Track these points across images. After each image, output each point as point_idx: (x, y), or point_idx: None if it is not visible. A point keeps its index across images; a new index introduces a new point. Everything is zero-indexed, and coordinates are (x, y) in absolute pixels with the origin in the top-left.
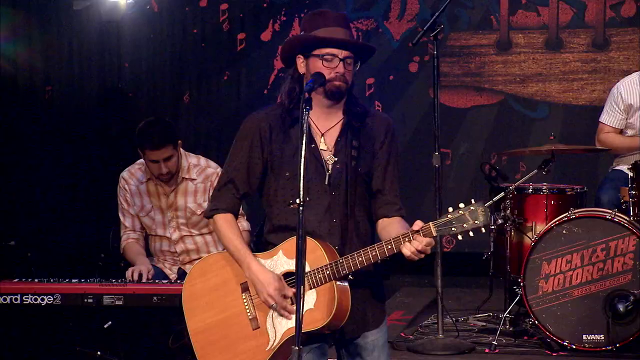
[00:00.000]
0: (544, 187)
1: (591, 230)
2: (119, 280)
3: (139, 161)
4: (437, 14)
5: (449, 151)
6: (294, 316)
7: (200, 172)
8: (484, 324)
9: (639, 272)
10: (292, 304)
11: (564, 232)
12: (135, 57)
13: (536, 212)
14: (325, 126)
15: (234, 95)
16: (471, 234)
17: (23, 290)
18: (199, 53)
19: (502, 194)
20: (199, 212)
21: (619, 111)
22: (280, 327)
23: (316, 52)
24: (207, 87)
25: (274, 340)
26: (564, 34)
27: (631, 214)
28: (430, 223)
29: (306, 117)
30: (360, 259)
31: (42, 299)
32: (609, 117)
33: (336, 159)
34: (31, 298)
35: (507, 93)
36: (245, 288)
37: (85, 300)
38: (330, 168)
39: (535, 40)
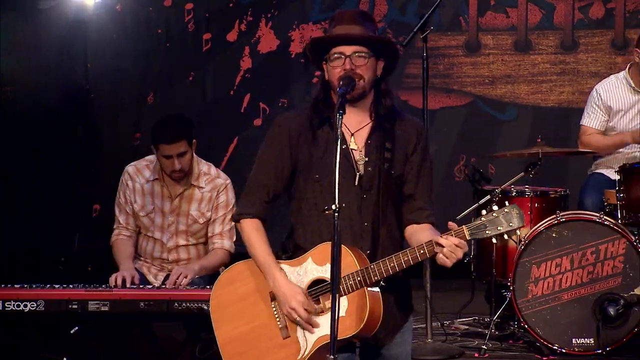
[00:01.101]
0: (527, 189)
1: (580, 233)
2: (104, 286)
3: (147, 157)
4: (426, 15)
5: None
6: (323, 324)
7: (209, 181)
8: (467, 327)
9: (629, 276)
10: (317, 315)
11: (554, 235)
12: (99, 57)
13: None
14: (355, 126)
15: (199, 96)
16: (505, 236)
17: (5, 297)
18: (163, 53)
19: (489, 196)
20: (201, 220)
21: (601, 113)
22: (312, 335)
23: (328, 54)
24: (172, 88)
25: (305, 349)
26: (532, 35)
27: (619, 217)
28: (464, 226)
29: (339, 122)
30: (392, 264)
31: (25, 305)
32: (591, 120)
33: (367, 159)
34: (13, 304)
35: (475, 94)
36: (274, 297)
37: (70, 306)
38: (361, 169)
39: (504, 42)
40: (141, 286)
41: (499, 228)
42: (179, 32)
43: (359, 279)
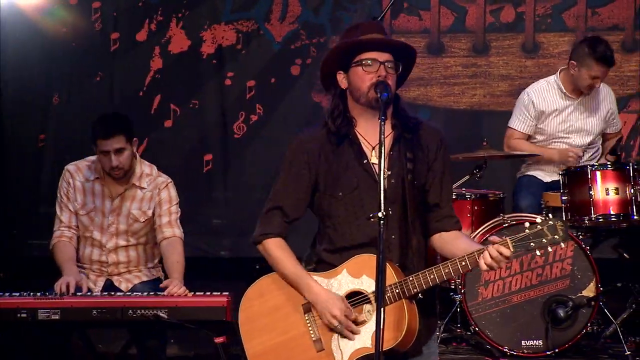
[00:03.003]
0: (467, 192)
1: None
2: (54, 293)
3: (88, 157)
4: (380, 17)
5: None
6: (360, 336)
7: (151, 182)
8: None
9: (577, 278)
10: (357, 324)
11: (503, 238)
12: (3, 56)
13: (461, 217)
14: (375, 139)
15: (107, 96)
16: (549, 249)
17: None
18: (69, 53)
19: None
20: (142, 219)
21: (530, 117)
22: (347, 348)
23: (356, 59)
24: (79, 88)
25: None
26: (445, 38)
27: (564, 219)
28: (507, 238)
29: (383, 128)
30: (432, 276)
31: None
32: (520, 123)
33: (390, 172)
34: None
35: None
36: (307, 309)
37: (19, 315)
38: (384, 182)
39: (417, 45)
40: (92, 293)
41: (543, 240)
42: (86, 31)
43: (397, 291)
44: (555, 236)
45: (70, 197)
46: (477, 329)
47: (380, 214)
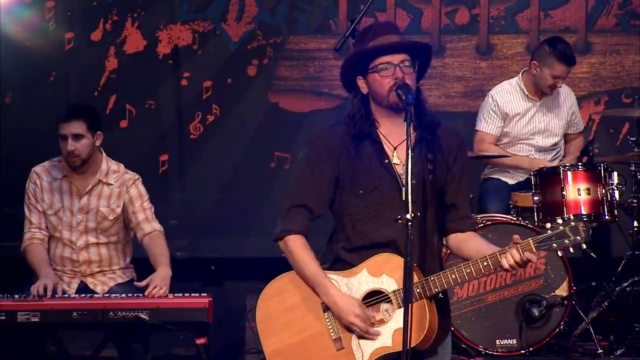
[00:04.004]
0: None
1: (504, 236)
2: (33, 296)
3: (54, 158)
4: (356, 20)
5: (288, 155)
6: (380, 335)
7: (118, 178)
8: None
9: (550, 277)
10: (375, 324)
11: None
12: None
13: None
14: (396, 140)
15: (61, 96)
16: (571, 250)
17: None
18: (22, 52)
19: None
20: (110, 217)
21: (497, 119)
22: (367, 347)
23: (371, 66)
24: (32, 88)
25: None
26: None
27: (536, 219)
28: (530, 239)
29: (409, 130)
30: (453, 276)
31: None
32: (488, 125)
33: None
34: None
35: (345, 98)
36: (326, 307)
37: None
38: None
39: (353, 46)
40: (67, 295)
41: (565, 241)
42: (39, 30)
43: (418, 290)
44: (577, 237)
45: (38, 198)
46: (452, 328)
47: (408, 216)
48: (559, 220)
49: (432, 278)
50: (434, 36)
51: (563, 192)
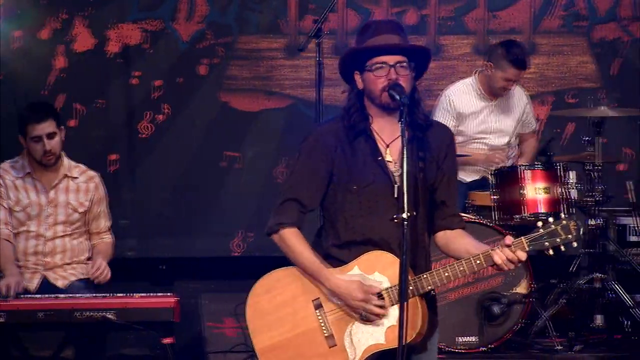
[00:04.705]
0: None
1: None
2: None
3: (15, 158)
4: (320, 20)
5: (238, 155)
6: (373, 332)
7: (82, 172)
8: None
9: (510, 275)
10: (365, 323)
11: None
12: None
13: None
14: (389, 138)
15: (9, 96)
16: (562, 248)
17: None
18: None
19: None
20: (80, 210)
21: (452, 118)
22: (360, 344)
23: (367, 64)
24: None
25: (354, 358)
26: (351, 39)
27: (495, 218)
28: (522, 238)
29: (404, 129)
30: (446, 274)
31: None
32: None
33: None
34: None
35: (296, 97)
36: (318, 305)
37: None
38: (397, 180)
39: (324, 45)
40: (31, 295)
41: (557, 240)
42: None
43: (411, 288)
44: (569, 235)
45: (3, 195)
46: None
47: (404, 215)
48: (550, 219)
49: (424, 276)
50: None
51: (522, 191)
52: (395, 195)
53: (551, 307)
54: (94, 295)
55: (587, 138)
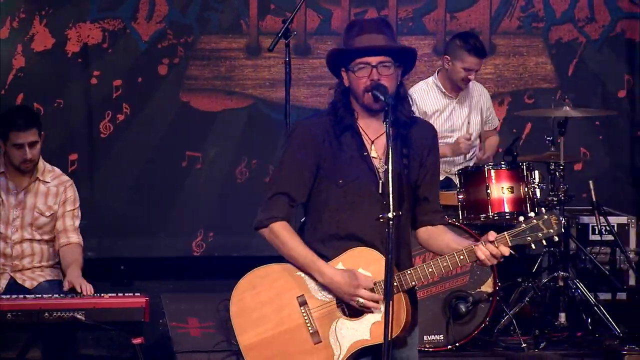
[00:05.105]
0: None
1: None
2: None
3: None
4: (288, 20)
5: (199, 155)
6: (358, 328)
7: (55, 177)
8: None
9: (476, 274)
10: (351, 319)
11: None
12: None
13: None
14: (374, 134)
15: None
16: (544, 242)
17: None
18: None
19: None
20: (47, 214)
21: None
22: (345, 340)
23: (351, 63)
24: None
25: (339, 355)
26: (311, 40)
27: (461, 217)
28: (505, 233)
29: (389, 129)
30: (430, 270)
31: None
32: None
33: (387, 167)
34: None
35: (257, 97)
36: (303, 302)
37: None
38: (382, 176)
39: (284, 46)
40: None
41: (538, 234)
42: None
43: (395, 284)
44: (550, 230)
45: None
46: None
47: (390, 215)
48: (531, 214)
49: (409, 272)
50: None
51: (488, 191)
52: (380, 191)
53: (516, 306)
54: (63, 295)
55: (550, 138)
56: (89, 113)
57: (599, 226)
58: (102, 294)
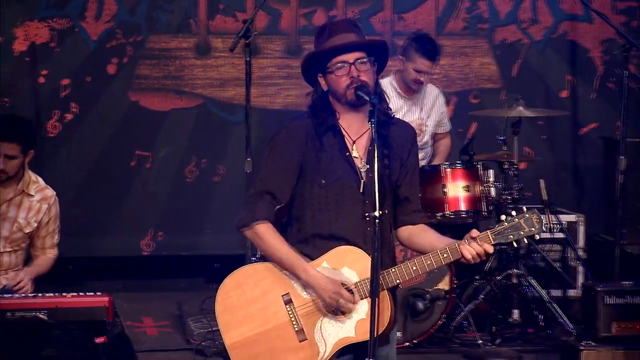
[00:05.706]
0: None
1: None
2: None
3: None
4: (248, 21)
5: (149, 154)
6: (343, 326)
7: (39, 190)
8: None
9: (433, 272)
10: (337, 317)
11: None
12: None
13: None
14: (355, 134)
15: None
16: (525, 240)
17: None
18: None
19: None
20: (26, 230)
21: None
22: (330, 338)
23: (328, 65)
24: None
25: (325, 352)
26: (260, 39)
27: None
28: (488, 231)
29: (374, 130)
30: (414, 267)
31: None
32: None
33: (368, 166)
34: None
35: (206, 97)
36: (288, 300)
37: None
38: (364, 176)
39: (245, 46)
40: None
41: (520, 233)
42: None
43: (380, 282)
44: (532, 228)
45: None
46: None
47: (376, 214)
48: (513, 213)
49: (393, 270)
50: (291, 37)
51: (444, 190)
52: (362, 191)
53: (470, 303)
54: (25, 295)
55: (502, 137)
56: (37, 112)
57: (550, 224)
58: (65, 294)
